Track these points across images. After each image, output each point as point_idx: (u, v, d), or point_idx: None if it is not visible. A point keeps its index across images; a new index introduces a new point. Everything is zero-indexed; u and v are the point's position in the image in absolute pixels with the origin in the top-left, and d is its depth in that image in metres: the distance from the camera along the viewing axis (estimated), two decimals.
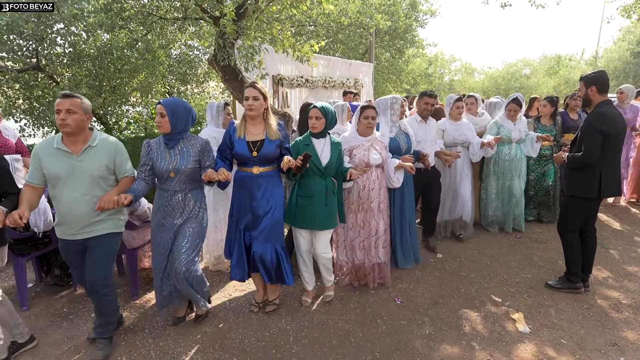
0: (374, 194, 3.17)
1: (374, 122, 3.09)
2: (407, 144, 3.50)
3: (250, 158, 2.70)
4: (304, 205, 2.85)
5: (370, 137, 3.15)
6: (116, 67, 6.70)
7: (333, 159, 2.86)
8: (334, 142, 2.92)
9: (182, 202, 2.61)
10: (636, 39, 22.29)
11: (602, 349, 2.57)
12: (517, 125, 4.49)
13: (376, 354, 2.53)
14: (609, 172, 3.03)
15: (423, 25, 15.80)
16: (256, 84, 2.66)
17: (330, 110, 2.84)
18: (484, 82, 29.51)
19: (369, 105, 3.13)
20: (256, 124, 2.75)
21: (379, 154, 3.14)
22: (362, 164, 3.08)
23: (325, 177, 2.87)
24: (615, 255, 4.01)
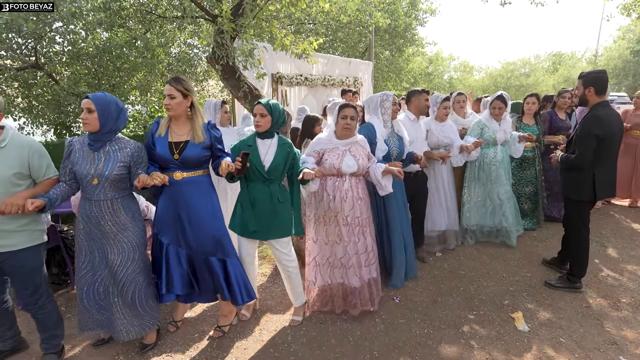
0: (347, 205, 2.76)
1: (353, 122, 2.74)
2: (398, 149, 3.16)
3: (171, 161, 2.39)
4: (248, 213, 2.58)
5: (348, 140, 2.78)
6: (115, 65, 6.70)
7: (278, 162, 2.55)
8: (282, 143, 2.62)
9: (109, 212, 2.27)
10: (636, 37, 22.25)
11: (601, 348, 2.57)
12: (502, 126, 4.10)
13: (374, 353, 2.53)
14: (603, 174, 3.03)
15: (423, 23, 15.78)
16: (171, 81, 2.35)
17: (277, 108, 2.57)
18: (483, 81, 29.48)
19: (348, 103, 2.80)
20: (181, 124, 2.45)
21: (355, 160, 2.75)
22: (332, 170, 2.75)
23: (270, 184, 2.58)
24: (614, 254, 4.01)
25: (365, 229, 2.86)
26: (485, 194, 4.16)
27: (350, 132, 2.77)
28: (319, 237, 2.84)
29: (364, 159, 2.81)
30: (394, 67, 16.31)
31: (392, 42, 15.07)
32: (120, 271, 2.32)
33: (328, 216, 2.79)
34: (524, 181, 4.52)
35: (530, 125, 4.46)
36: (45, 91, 6.11)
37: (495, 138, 4.05)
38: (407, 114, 3.60)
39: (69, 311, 3.06)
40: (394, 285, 3.29)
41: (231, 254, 2.56)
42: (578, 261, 3.25)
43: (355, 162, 2.74)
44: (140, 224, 2.42)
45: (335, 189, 2.77)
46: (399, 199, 3.27)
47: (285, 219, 2.65)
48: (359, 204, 2.81)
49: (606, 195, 3.16)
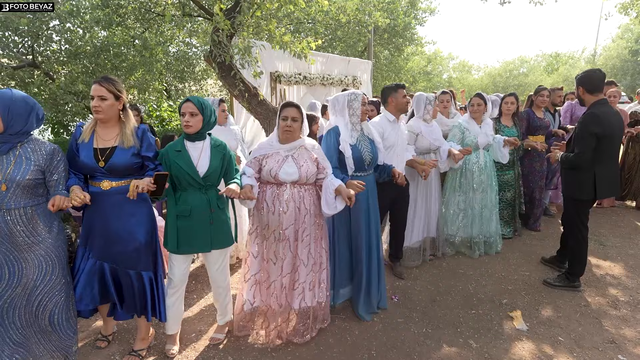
0: (288, 218, 2.43)
1: (295, 124, 2.42)
2: (371, 154, 2.79)
3: (96, 169, 2.16)
4: (182, 226, 2.32)
5: (291, 145, 2.46)
6: (113, 64, 6.68)
7: (214, 166, 2.32)
8: (216, 145, 2.39)
9: (22, 223, 2.02)
10: (634, 36, 22.30)
11: (600, 347, 2.56)
12: (483, 129, 3.82)
13: (372, 352, 2.51)
14: (604, 173, 3.02)
15: (422, 23, 15.77)
16: (101, 81, 2.14)
17: (209, 106, 2.33)
18: (482, 80, 29.52)
19: (291, 102, 2.49)
20: (108, 128, 2.22)
21: (297, 167, 2.42)
22: (270, 178, 2.43)
23: (207, 190, 2.35)
24: (613, 253, 4.00)
25: (313, 246, 2.53)
26: (467, 202, 3.87)
27: (293, 135, 2.44)
28: (258, 252, 2.55)
29: (311, 166, 2.46)
30: (393, 66, 16.32)
31: (391, 42, 15.06)
32: (36, 289, 2.08)
33: (268, 231, 2.48)
34: (504, 186, 4.26)
35: (510, 126, 4.22)
36: (42, 90, 6.09)
37: (476, 142, 3.77)
38: (385, 115, 3.23)
39: None
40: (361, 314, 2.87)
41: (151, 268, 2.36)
42: (577, 260, 3.24)
43: (296, 169, 2.41)
44: (61, 233, 2.19)
45: (274, 200, 2.44)
46: (371, 213, 2.88)
47: (225, 227, 2.44)
48: (302, 218, 2.46)
49: (607, 194, 3.15)
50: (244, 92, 4.15)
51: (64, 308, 2.19)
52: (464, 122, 3.85)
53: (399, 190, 3.23)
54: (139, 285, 2.32)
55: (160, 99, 9.45)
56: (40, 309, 2.12)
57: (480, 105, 3.77)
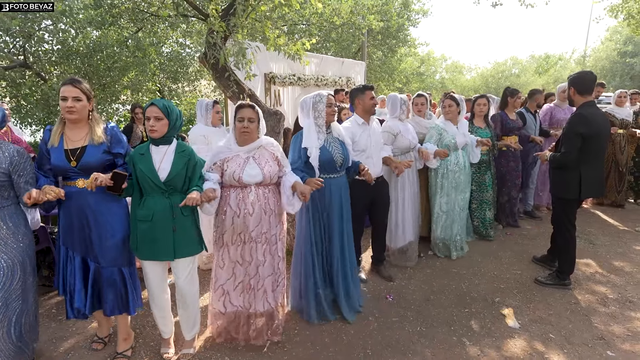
0: (253, 221, 2.41)
1: (252, 125, 2.38)
2: (342, 155, 2.77)
3: (69, 169, 2.18)
4: (144, 230, 2.25)
5: (250, 146, 2.43)
6: (106, 64, 6.65)
7: (176, 172, 2.25)
8: (180, 150, 2.31)
9: None
10: (623, 38, 22.64)
11: (590, 343, 2.62)
12: (460, 129, 3.85)
13: (368, 351, 2.55)
14: (590, 173, 3.09)
15: (415, 24, 15.88)
16: (75, 83, 2.15)
17: (174, 109, 2.28)
18: (475, 81, 29.76)
19: (245, 103, 2.44)
20: (77, 129, 2.24)
21: (259, 168, 2.40)
22: (233, 182, 2.40)
23: (170, 195, 2.27)
24: (602, 251, 4.08)
25: (273, 247, 2.52)
26: (449, 204, 3.88)
27: (250, 136, 2.41)
28: (224, 261, 2.50)
29: (272, 165, 2.45)
30: (387, 67, 16.40)
31: (384, 43, 15.15)
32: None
33: (232, 233, 2.44)
34: (483, 186, 4.30)
35: (483, 128, 4.25)
36: (34, 91, 6.05)
37: (455, 142, 3.78)
38: (354, 118, 3.20)
39: (60, 313, 3.03)
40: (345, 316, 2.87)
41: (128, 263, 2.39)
42: (566, 258, 3.31)
43: (259, 171, 2.40)
44: (26, 238, 2.18)
45: (240, 202, 2.40)
46: (343, 213, 2.86)
47: (190, 235, 2.34)
48: (268, 219, 2.46)
49: (592, 194, 3.22)
50: (238, 94, 4.16)
51: (25, 314, 2.17)
52: (441, 123, 3.86)
53: (377, 191, 3.25)
54: (120, 281, 2.34)
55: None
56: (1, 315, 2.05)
57: (451, 107, 3.78)
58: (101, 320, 2.58)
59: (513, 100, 4.56)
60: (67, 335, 2.73)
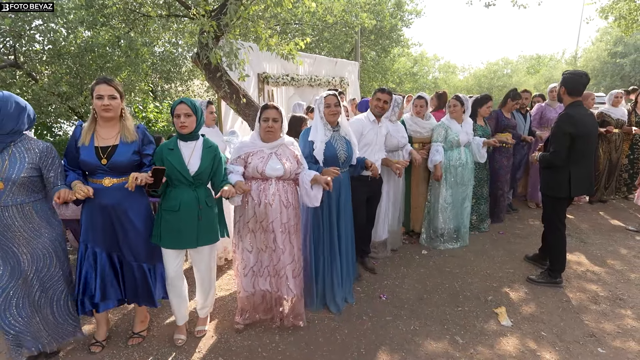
0: (274, 211, 2.57)
1: (276, 124, 2.54)
2: (346, 153, 2.93)
3: (99, 167, 2.24)
4: (170, 220, 2.38)
5: (273, 143, 2.60)
6: (98, 65, 6.59)
7: (205, 166, 2.41)
8: (207, 146, 2.47)
9: (19, 219, 2.14)
10: (613, 39, 22.91)
11: (581, 340, 2.65)
12: (464, 127, 4.05)
13: (362, 350, 2.55)
14: (579, 172, 3.12)
15: (408, 24, 15.94)
16: (109, 81, 2.24)
17: (199, 107, 2.43)
18: (467, 81, 29.95)
19: (271, 104, 2.59)
20: (110, 127, 2.32)
21: (281, 163, 2.57)
22: (256, 174, 2.56)
23: (197, 188, 2.43)
24: (593, 250, 4.12)
25: (292, 236, 2.68)
26: (453, 196, 4.12)
27: (275, 135, 2.57)
28: (244, 245, 2.66)
29: (292, 162, 2.62)
30: (380, 67, 16.46)
31: (377, 43, 15.20)
32: (36, 281, 2.24)
33: (254, 222, 2.60)
34: (481, 182, 4.53)
35: (483, 126, 4.47)
36: (24, 91, 5.98)
37: (458, 139, 3.99)
38: (367, 115, 3.41)
39: None
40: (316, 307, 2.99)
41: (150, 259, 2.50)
42: (556, 256, 3.34)
43: (281, 165, 2.56)
44: (57, 228, 2.32)
45: (260, 194, 2.56)
46: (345, 209, 3.02)
47: (212, 224, 2.52)
48: (286, 210, 2.62)
49: (582, 192, 3.25)
50: (231, 94, 4.15)
51: (62, 298, 2.37)
52: (446, 121, 4.06)
53: (374, 187, 3.42)
54: (141, 277, 2.46)
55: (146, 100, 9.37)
56: (41, 300, 2.28)
57: (456, 106, 3.99)
58: (101, 321, 2.62)
59: (513, 103, 4.76)
60: None
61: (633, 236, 4.47)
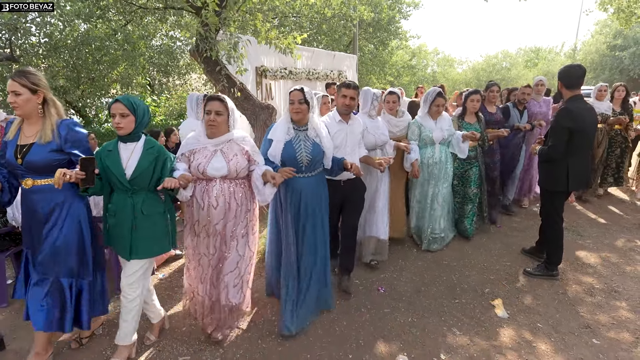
0: (217, 214, 2.37)
1: (220, 118, 2.32)
2: (310, 155, 2.59)
3: (17, 166, 2.10)
4: (112, 225, 2.26)
5: (219, 139, 2.37)
6: (95, 58, 6.56)
7: (142, 169, 2.19)
8: (149, 147, 2.25)
9: None
10: (612, 32, 22.85)
11: (576, 332, 2.69)
12: (438, 124, 3.81)
13: (360, 342, 2.59)
14: (577, 166, 3.15)
15: (406, 16, 15.88)
16: (15, 76, 2.05)
17: (141, 105, 2.22)
18: (466, 74, 29.89)
19: (214, 95, 2.38)
20: (32, 124, 2.16)
21: (225, 162, 2.35)
22: (198, 174, 2.35)
23: (133, 194, 2.22)
24: (590, 243, 4.16)
25: (242, 243, 2.50)
26: (422, 195, 3.95)
27: (218, 129, 2.35)
28: (194, 250, 2.50)
29: (241, 160, 2.39)
30: (378, 60, 16.40)
31: (375, 36, 15.14)
32: None
33: (197, 226, 2.43)
34: (468, 182, 4.17)
35: (472, 123, 4.15)
36: None
37: (431, 137, 3.79)
38: (333, 114, 3.04)
39: None
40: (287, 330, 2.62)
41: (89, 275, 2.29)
42: (553, 249, 3.37)
43: (225, 164, 2.34)
44: None
45: (204, 195, 2.37)
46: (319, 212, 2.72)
47: (151, 237, 2.28)
48: (233, 213, 2.41)
49: (580, 186, 3.28)
50: (229, 88, 4.14)
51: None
52: (419, 118, 3.86)
53: (349, 192, 3.04)
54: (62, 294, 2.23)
55: (143, 94, 9.32)
56: None
57: (443, 106, 3.81)
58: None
59: (487, 94, 4.52)
60: None
61: (629, 230, 4.51)
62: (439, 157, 3.87)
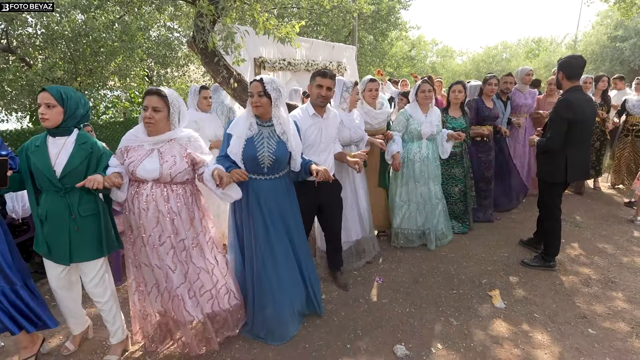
0: (149, 221, 2.11)
1: (158, 115, 2.07)
2: (273, 156, 2.32)
3: None
4: (43, 229, 2.07)
5: (158, 138, 2.13)
6: (93, 49, 6.51)
7: (74, 166, 2.02)
8: (81, 142, 2.08)
9: None
10: (613, 23, 22.69)
11: (572, 322, 2.71)
12: (428, 117, 3.55)
13: (358, 332, 2.61)
14: (575, 157, 3.14)
15: (406, 7, 15.75)
16: None
17: (72, 97, 2.04)
18: (465, 65, 29.74)
19: (152, 89, 2.11)
20: None
21: (159, 163, 2.09)
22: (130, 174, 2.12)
23: (67, 194, 2.04)
24: (587, 234, 4.18)
25: (183, 253, 2.21)
26: (408, 193, 3.69)
27: (156, 127, 2.10)
28: (135, 260, 2.25)
29: (180, 162, 2.13)
30: (377, 51, 16.31)
31: (375, 26, 15.04)
32: None
33: (136, 234, 2.19)
34: (452, 180, 4.03)
35: (457, 117, 3.91)
36: (18, 76, 5.91)
37: (419, 131, 3.53)
38: (306, 107, 2.77)
39: (53, 299, 3.02)
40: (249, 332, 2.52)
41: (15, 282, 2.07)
42: (551, 241, 3.39)
43: (157, 166, 2.08)
44: None
45: (134, 199, 2.13)
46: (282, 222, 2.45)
47: (91, 238, 2.12)
48: (170, 222, 2.14)
49: (578, 177, 3.28)
50: (228, 79, 4.11)
51: None
52: (409, 109, 3.62)
53: (325, 194, 2.80)
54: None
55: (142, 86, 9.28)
56: None
57: (430, 92, 3.52)
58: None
59: (484, 87, 4.25)
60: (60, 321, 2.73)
61: (626, 221, 4.53)
62: (427, 154, 3.61)
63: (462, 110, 3.98)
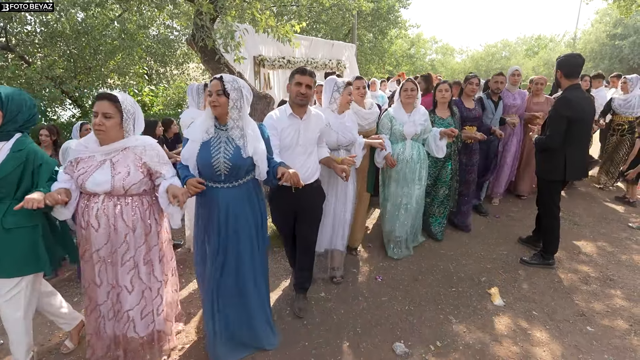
0: (100, 237, 1.99)
1: (109, 122, 1.92)
2: (230, 162, 2.09)
3: None
4: None
5: (110, 147, 1.98)
6: (92, 47, 6.50)
7: (4, 174, 1.90)
8: (17, 149, 1.94)
9: None
10: (612, 21, 22.70)
11: (571, 319, 2.73)
12: (412, 117, 3.37)
13: (357, 329, 2.62)
14: (574, 155, 3.15)
15: (406, 5, 15.72)
16: None
17: (14, 100, 1.92)
18: (465, 63, 29.74)
19: (103, 94, 1.96)
20: None
21: (110, 174, 1.96)
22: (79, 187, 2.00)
23: None
24: (586, 232, 4.19)
25: (139, 271, 2.09)
26: (393, 197, 3.52)
27: (107, 135, 1.95)
28: (86, 278, 2.11)
29: (132, 173, 1.99)
30: (377, 49, 16.30)
31: (375, 25, 15.03)
32: None
33: (81, 248, 2.06)
34: (440, 182, 3.81)
35: (445, 118, 3.69)
36: (17, 75, 5.90)
37: (402, 131, 3.36)
38: (285, 107, 2.56)
39: None
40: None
41: None
42: (550, 238, 3.40)
43: (109, 178, 1.95)
44: None
45: (84, 213, 1.99)
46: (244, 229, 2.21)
47: (14, 253, 1.96)
48: (122, 237, 2.01)
49: (577, 175, 3.29)
50: None
51: None
52: (392, 110, 3.46)
53: (303, 201, 2.57)
54: None
55: (141, 84, 9.26)
56: None
57: (413, 91, 3.33)
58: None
59: (465, 87, 4.03)
60: None
61: (625, 219, 4.54)
62: (409, 155, 3.40)
63: (451, 110, 3.77)
